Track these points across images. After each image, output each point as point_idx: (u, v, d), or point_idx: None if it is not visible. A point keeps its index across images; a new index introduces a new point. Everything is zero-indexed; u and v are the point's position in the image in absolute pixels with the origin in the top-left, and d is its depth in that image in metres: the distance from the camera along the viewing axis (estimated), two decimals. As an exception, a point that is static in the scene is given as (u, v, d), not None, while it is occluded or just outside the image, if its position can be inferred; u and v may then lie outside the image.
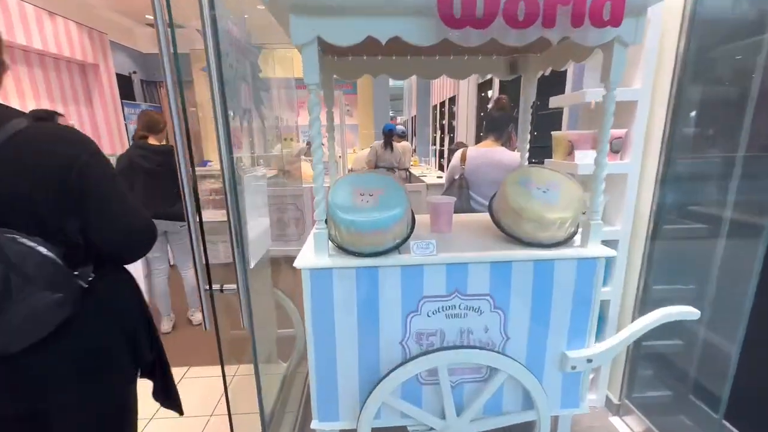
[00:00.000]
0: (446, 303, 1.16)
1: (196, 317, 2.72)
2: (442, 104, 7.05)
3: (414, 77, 1.74)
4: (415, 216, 1.24)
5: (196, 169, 0.86)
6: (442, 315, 1.16)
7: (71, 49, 4.50)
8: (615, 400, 1.77)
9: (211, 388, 2.04)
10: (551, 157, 1.73)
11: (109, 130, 5.15)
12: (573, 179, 1.24)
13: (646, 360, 1.69)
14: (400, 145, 4.70)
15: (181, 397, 1.07)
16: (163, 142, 2.50)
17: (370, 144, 4.84)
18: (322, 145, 1.09)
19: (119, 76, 5.47)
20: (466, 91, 4.95)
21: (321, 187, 1.07)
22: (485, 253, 1.15)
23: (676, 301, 1.23)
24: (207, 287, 0.96)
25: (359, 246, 1.10)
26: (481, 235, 1.35)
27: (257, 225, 1.20)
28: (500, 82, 3.56)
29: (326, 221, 1.13)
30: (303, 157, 4.33)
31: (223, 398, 1.10)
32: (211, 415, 1.86)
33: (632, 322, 1.24)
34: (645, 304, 1.63)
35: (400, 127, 5.24)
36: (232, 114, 0.94)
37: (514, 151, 2.13)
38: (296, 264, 1.09)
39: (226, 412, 1.09)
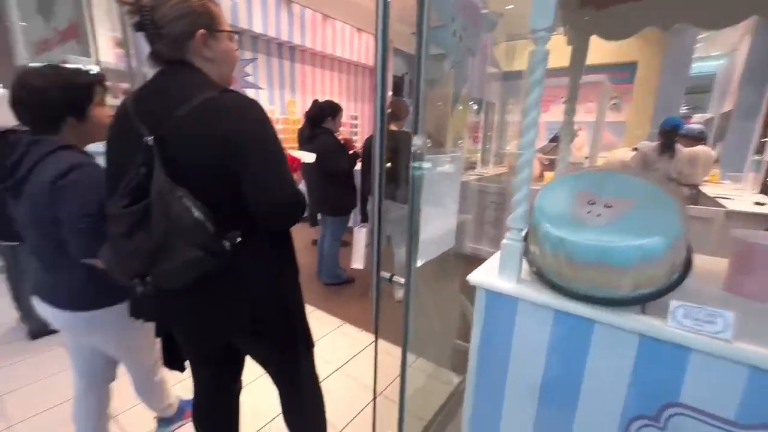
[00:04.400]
0: (729, 436, 0.60)
1: (397, 294, 2.89)
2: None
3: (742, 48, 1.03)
4: (693, 257, 0.71)
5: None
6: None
7: (359, 55, 5.83)
8: None
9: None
10: None
11: (383, 122, 6.55)
12: None
13: None
14: (691, 151, 3.19)
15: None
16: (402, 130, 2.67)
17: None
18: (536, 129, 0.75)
19: (394, 77, 6.54)
20: None
21: (525, 181, 0.74)
22: None
23: None
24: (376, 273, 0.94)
25: (569, 280, 0.71)
26: None
27: (438, 222, 1.02)
28: None
29: (527, 234, 0.80)
30: (539, 154, 3.79)
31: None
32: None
33: None
34: None
35: (696, 126, 3.64)
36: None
37: None
38: (471, 277, 0.82)
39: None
